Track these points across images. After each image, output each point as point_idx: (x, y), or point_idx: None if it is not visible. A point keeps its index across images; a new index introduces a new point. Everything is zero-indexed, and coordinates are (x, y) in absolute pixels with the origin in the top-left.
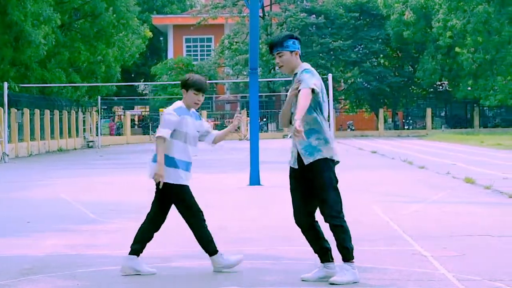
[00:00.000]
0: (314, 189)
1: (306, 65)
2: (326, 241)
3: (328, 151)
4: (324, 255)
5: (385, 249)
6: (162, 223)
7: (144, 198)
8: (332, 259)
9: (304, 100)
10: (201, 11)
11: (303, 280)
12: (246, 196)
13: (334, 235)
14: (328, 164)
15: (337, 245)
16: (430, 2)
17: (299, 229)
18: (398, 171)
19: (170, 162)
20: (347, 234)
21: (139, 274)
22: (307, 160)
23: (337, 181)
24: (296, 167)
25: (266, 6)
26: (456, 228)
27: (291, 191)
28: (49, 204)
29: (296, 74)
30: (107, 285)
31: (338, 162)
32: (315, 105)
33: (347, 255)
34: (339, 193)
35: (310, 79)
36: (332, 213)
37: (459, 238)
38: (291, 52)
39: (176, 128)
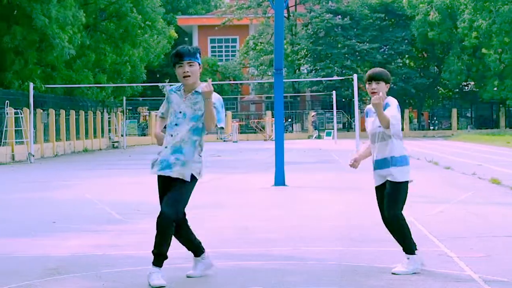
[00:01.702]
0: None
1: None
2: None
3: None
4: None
5: None
6: None
7: None
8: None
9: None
10: (226, 11)
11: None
12: (271, 197)
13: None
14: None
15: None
16: (456, 2)
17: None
18: (423, 172)
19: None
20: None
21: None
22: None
23: None
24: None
25: (291, 6)
26: (482, 229)
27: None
28: (75, 204)
29: (198, 92)
30: (132, 286)
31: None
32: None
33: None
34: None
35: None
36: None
37: (485, 239)
38: (199, 65)
39: None
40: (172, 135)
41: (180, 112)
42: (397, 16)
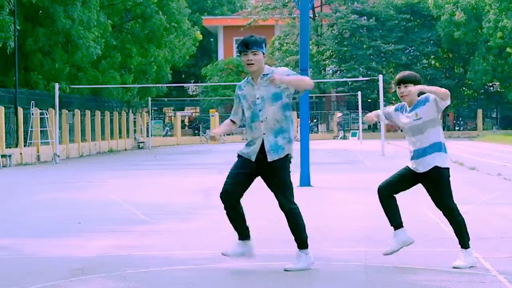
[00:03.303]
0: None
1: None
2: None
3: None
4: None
5: (435, 251)
6: None
7: (194, 200)
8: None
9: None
10: (251, 12)
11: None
12: (296, 197)
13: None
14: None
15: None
16: (481, 2)
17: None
18: None
19: None
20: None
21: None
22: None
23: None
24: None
25: (317, 7)
26: (507, 230)
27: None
28: (100, 205)
29: (266, 74)
30: (157, 286)
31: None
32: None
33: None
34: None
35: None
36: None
37: (510, 239)
38: (263, 54)
39: None
40: (263, 121)
41: (258, 98)
42: (422, 17)
